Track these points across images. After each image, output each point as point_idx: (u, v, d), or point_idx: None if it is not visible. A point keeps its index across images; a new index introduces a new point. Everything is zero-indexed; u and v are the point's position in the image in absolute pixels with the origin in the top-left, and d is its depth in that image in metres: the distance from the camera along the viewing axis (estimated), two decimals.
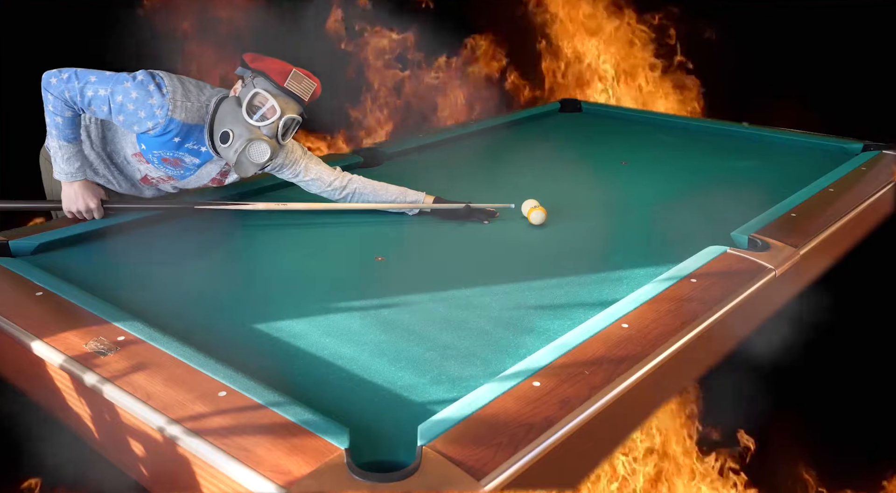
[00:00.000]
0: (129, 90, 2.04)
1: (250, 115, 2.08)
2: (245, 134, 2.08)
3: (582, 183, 2.79)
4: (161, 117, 2.06)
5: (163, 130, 2.08)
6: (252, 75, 2.11)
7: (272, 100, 2.08)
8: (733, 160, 3.06)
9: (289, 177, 2.36)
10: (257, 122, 2.08)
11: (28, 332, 1.57)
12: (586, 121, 3.82)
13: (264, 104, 2.08)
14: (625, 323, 1.60)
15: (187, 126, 2.10)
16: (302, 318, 1.71)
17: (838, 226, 2.25)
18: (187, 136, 2.13)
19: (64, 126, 2.10)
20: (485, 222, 2.36)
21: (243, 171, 2.13)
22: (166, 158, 2.17)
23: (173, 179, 2.27)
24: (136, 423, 1.34)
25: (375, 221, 2.36)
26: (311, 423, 1.25)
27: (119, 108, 2.06)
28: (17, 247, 2.04)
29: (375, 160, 2.96)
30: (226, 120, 2.10)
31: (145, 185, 2.32)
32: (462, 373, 1.49)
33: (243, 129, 2.08)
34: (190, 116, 2.09)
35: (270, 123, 2.09)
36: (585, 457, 1.50)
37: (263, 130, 2.09)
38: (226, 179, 2.32)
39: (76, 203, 2.18)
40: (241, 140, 2.08)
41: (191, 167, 2.22)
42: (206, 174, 2.26)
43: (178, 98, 2.07)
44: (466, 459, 1.18)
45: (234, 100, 2.12)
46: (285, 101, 2.10)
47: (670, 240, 2.15)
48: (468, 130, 3.47)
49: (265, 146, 2.08)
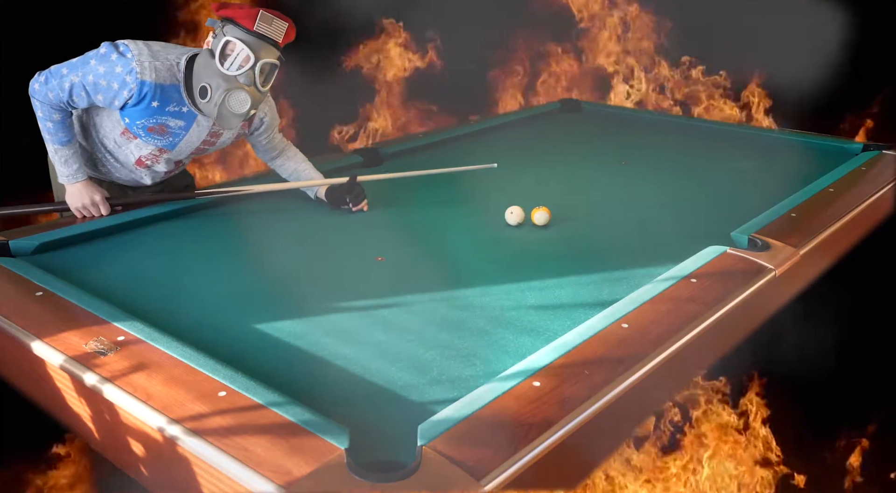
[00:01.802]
0: (96, 67, 2.02)
1: (224, 64, 2.04)
2: (222, 85, 2.03)
3: (582, 183, 2.79)
4: (132, 82, 2.02)
5: (138, 95, 2.05)
6: (221, 24, 2.05)
7: (243, 46, 2.02)
8: (733, 160, 3.06)
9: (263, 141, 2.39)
10: (233, 71, 2.04)
11: (28, 332, 1.57)
12: (586, 121, 3.82)
13: (237, 52, 2.03)
14: (625, 323, 1.60)
15: (160, 87, 2.06)
16: (302, 318, 1.71)
17: (838, 226, 2.25)
18: (165, 98, 2.09)
19: (56, 130, 2.11)
20: (353, 209, 2.39)
21: (226, 123, 2.10)
22: (151, 127, 2.13)
23: (165, 151, 2.23)
24: (136, 423, 1.34)
25: (375, 221, 2.36)
26: (311, 423, 1.25)
27: (94, 88, 2.04)
28: (17, 247, 2.04)
29: (375, 160, 2.96)
30: (202, 74, 2.06)
31: (141, 168, 2.29)
32: (462, 373, 1.49)
33: (220, 80, 2.04)
34: (160, 75, 2.05)
35: (246, 70, 2.04)
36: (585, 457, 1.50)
37: (240, 78, 2.05)
38: (217, 140, 2.29)
39: (81, 199, 2.21)
40: (219, 92, 2.03)
41: (178, 132, 2.18)
42: (197, 137, 2.23)
43: (143, 60, 2.03)
44: (466, 459, 1.18)
45: (207, 53, 2.07)
46: (258, 45, 2.04)
47: (670, 240, 2.15)
48: (468, 129, 3.47)
49: (244, 95, 2.04)
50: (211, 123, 2.20)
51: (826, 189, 2.50)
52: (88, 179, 2.23)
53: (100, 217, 2.23)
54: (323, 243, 2.20)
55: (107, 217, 2.23)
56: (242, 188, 2.41)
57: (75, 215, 2.24)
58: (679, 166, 2.98)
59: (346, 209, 2.40)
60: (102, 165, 2.30)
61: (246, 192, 2.41)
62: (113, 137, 2.21)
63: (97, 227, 2.18)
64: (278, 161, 2.46)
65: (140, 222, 2.26)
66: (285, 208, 2.44)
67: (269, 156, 2.45)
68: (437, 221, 2.38)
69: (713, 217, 2.33)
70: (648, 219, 2.38)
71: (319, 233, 2.27)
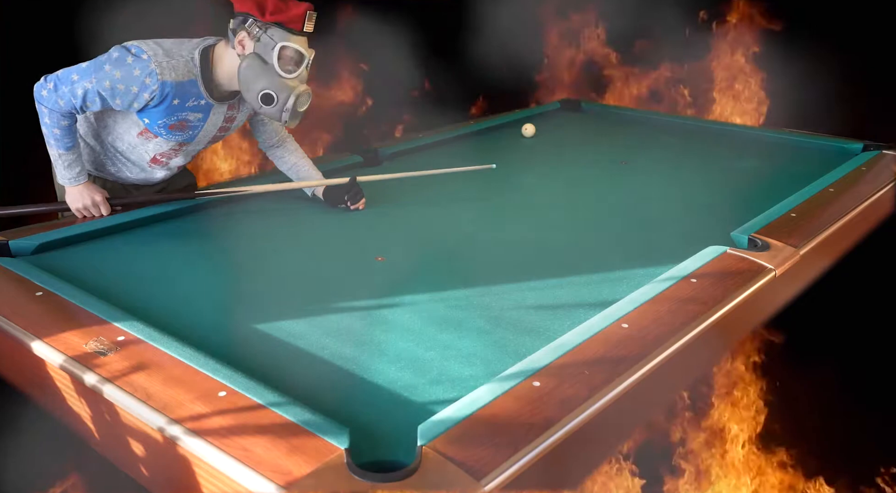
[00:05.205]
0: (112, 72, 2.01)
1: (283, 70, 2.07)
2: (286, 91, 2.07)
3: (582, 183, 2.79)
4: (154, 84, 2.02)
5: (160, 96, 2.05)
6: (263, 27, 2.04)
7: (298, 49, 2.06)
8: (733, 160, 3.06)
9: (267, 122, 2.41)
10: (294, 74, 2.08)
11: (28, 332, 1.57)
12: (586, 120, 3.82)
13: (291, 55, 2.07)
14: (625, 323, 1.60)
15: (180, 85, 2.06)
16: (302, 318, 1.71)
17: (838, 226, 2.25)
18: (185, 95, 2.09)
19: (62, 136, 2.11)
20: (350, 208, 2.40)
21: (294, 121, 2.15)
22: (172, 124, 2.14)
23: (184, 144, 2.24)
24: (136, 423, 1.34)
25: (375, 221, 2.36)
26: (311, 423, 1.25)
27: (111, 92, 2.03)
28: (17, 247, 2.04)
29: (375, 160, 2.96)
30: (258, 81, 2.06)
31: (156, 166, 2.29)
32: (462, 373, 1.49)
33: (282, 85, 2.07)
34: (179, 73, 2.05)
35: (302, 70, 2.10)
36: (585, 457, 1.50)
37: (298, 78, 2.11)
38: (232, 124, 2.30)
39: (82, 200, 2.20)
40: (285, 96, 2.07)
41: (197, 124, 2.19)
42: (213, 125, 2.24)
43: (161, 60, 2.02)
44: (466, 459, 1.18)
45: (254, 58, 2.06)
46: (305, 42, 2.09)
47: (670, 240, 2.15)
48: (468, 129, 3.47)
49: (307, 93, 2.12)
50: (226, 108, 2.21)
51: (826, 189, 2.50)
52: (89, 181, 2.23)
53: (100, 217, 2.23)
54: (323, 243, 2.20)
55: (107, 217, 2.24)
56: (242, 189, 2.41)
57: (75, 215, 2.24)
58: (679, 166, 2.98)
59: (343, 208, 2.41)
60: (112, 166, 2.30)
61: (246, 192, 2.41)
62: (127, 138, 2.20)
63: (97, 227, 2.18)
64: (278, 152, 2.46)
65: (140, 222, 2.26)
66: (285, 208, 2.44)
67: (269, 142, 2.46)
68: (437, 220, 2.38)
69: (713, 217, 2.33)
70: (648, 219, 2.38)
71: (319, 233, 2.27)
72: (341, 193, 2.40)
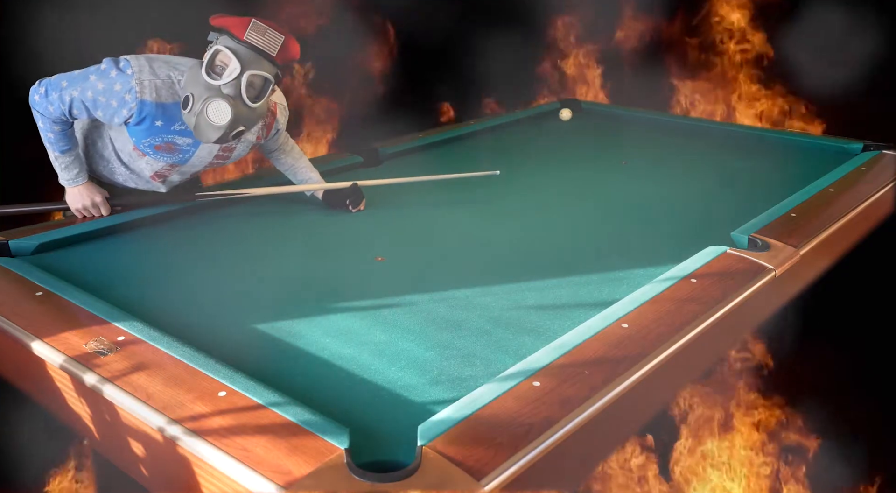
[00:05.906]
0: (95, 82, 1.97)
1: (210, 75, 1.95)
2: (203, 94, 1.94)
3: (582, 183, 2.79)
4: (132, 102, 1.97)
5: (138, 115, 1.99)
6: (216, 35, 1.98)
7: (231, 56, 1.93)
8: (733, 160, 3.06)
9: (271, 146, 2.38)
10: (218, 81, 1.94)
11: (28, 332, 1.57)
12: (586, 120, 3.82)
13: (225, 62, 1.95)
14: (625, 323, 1.60)
15: (162, 106, 1.99)
16: (302, 318, 1.71)
17: (838, 226, 2.25)
18: (168, 117, 2.02)
19: (56, 140, 2.10)
20: (352, 211, 2.39)
21: (204, 135, 1.97)
22: (158, 145, 2.08)
23: (176, 166, 2.20)
24: (136, 423, 1.34)
25: (375, 222, 2.36)
26: (311, 423, 1.25)
27: (93, 104, 2.00)
28: (17, 247, 2.04)
29: (375, 160, 2.96)
30: (188, 85, 1.99)
31: (156, 181, 2.28)
32: (462, 373, 1.49)
33: (202, 89, 1.95)
34: (161, 94, 1.99)
35: (231, 80, 1.94)
36: (585, 457, 1.51)
37: (224, 89, 1.94)
38: (231, 154, 2.25)
39: (82, 201, 2.20)
40: (199, 101, 1.94)
41: (186, 149, 2.13)
42: (208, 152, 2.19)
43: (144, 78, 1.96)
44: (466, 459, 1.18)
45: (198, 64, 2.01)
46: (249, 56, 1.94)
47: (670, 240, 2.15)
48: (468, 129, 3.47)
49: (223, 104, 1.93)
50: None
51: (826, 189, 2.50)
52: (89, 181, 2.23)
53: (101, 218, 2.23)
54: (323, 244, 2.20)
55: (107, 217, 2.24)
56: (243, 191, 2.40)
57: (76, 215, 2.24)
58: (679, 166, 2.98)
59: (343, 209, 2.40)
60: (120, 175, 2.28)
61: (246, 194, 2.39)
62: (127, 151, 2.19)
63: (97, 227, 2.18)
64: (275, 154, 2.46)
65: (140, 222, 2.25)
66: (285, 209, 2.44)
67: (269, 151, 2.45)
68: (437, 221, 2.38)
69: (713, 217, 2.33)
70: (648, 219, 2.38)
71: (319, 233, 2.27)
72: (343, 196, 2.40)
